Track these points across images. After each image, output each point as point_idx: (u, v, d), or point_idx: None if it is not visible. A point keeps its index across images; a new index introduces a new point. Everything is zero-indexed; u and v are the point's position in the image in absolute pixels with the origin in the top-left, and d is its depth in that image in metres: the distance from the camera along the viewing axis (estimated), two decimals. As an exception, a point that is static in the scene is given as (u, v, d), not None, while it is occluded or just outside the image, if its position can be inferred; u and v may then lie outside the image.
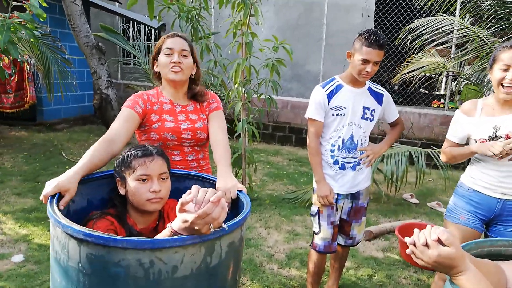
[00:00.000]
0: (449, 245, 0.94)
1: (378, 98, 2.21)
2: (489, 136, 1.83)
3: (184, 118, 1.71)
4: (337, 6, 7.20)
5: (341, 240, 2.35)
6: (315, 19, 7.37)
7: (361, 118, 2.15)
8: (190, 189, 1.01)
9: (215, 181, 1.43)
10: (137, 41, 7.19)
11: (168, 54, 1.66)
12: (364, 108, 2.15)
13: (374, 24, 7.27)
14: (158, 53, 1.70)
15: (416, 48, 4.82)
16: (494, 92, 1.85)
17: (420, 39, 4.70)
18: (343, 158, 2.16)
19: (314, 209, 2.24)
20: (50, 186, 1.19)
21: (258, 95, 3.92)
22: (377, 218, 3.82)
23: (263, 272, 2.72)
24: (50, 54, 5.40)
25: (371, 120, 2.19)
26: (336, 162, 2.17)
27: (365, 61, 1.99)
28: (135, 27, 8.56)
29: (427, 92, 9.02)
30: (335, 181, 2.18)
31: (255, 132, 3.77)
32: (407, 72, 5.01)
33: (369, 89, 2.19)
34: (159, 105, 1.70)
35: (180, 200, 0.98)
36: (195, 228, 0.97)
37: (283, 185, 4.74)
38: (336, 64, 7.13)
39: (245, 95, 3.81)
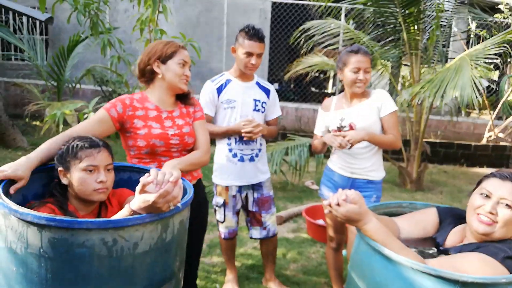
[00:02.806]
0: (355, 203, 1.21)
1: (267, 92, 2.35)
2: (337, 127, 2.15)
3: (171, 124, 1.72)
4: (235, 7, 7.50)
5: (256, 233, 2.41)
6: (215, 18, 7.57)
7: (253, 110, 2.27)
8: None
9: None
10: (20, 34, 6.53)
11: (182, 65, 1.70)
12: (255, 100, 2.28)
13: (271, 25, 7.76)
14: (167, 57, 1.69)
15: (308, 48, 5.31)
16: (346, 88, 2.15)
17: (311, 40, 5.20)
18: (241, 150, 2.27)
19: (219, 200, 2.35)
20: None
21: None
22: (285, 204, 4.18)
23: (186, 262, 2.83)
24: None
25: (262, 112, 2.31)
26: (234, 155, 2.27)
27: (249, 54, 2.15)
28: (17, 19, 7.75)
29: (317, 90, 9.91)
30: (236, 174, 2.28)
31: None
32: (298, 70, 5.49)
33: (257, 83, 2.35)
34: (144, 111, 1.69)
35: (141, 182, 1.07)
36: (156, 207, 1.07)
37: (194, 181, 4.84)
38: (237, 63, 7.43)
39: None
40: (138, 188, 1.09)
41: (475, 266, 1.14)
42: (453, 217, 1.43)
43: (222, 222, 2.38)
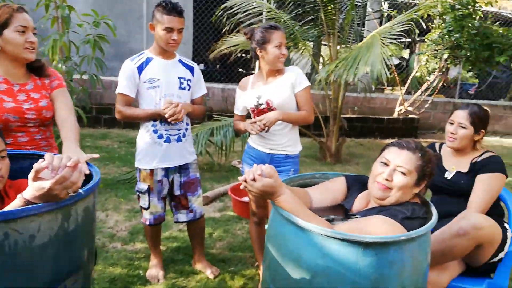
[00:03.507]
0: (270, 177, 1.23)
1: (191, 69, 2.27)
2: (254, 105, 2.19)
3: (25, 98, 1.60)
4: (154, -16, 7.13)
5: (183, 217, 2.37)
6: (133, -4, 7.16)
7: (179, 88, 2.18)
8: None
9: None
10: None
11: (22, 32, 1.53)
12: (180, 78, 2.19)
13: (194, 4, 7.54)
14: (1, 26, 1.51)
15: (230, 27, 5.22)
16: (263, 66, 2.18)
17: (234, 18, 5.12)
18: (167, 131, 2.18)
19: (143, 186, 2.25)
20: None
21: (80, 73, 3.70)
22: (212, 185, 4.17)
23: (107, 251, 2.70)
24: None
25: (188, 90, 2.24)
26: (160, 136, 2.18)
27: (169, 30, 2.04)
28: None
29: (244, 71, 9.90)
30: (162, 156, 2.20)
31: (81, 115, 3.56)
32: (222, 50, 5.40)
33: (180, 61, 2.26)
34: None
35: (35, 168, 0.98)
36: (53, 194, 0.98)
37: (116, 168, 4.63)
38: (159, 43, 7.13)
39: (65, 74, 3.54)
40: (31, 175, 0.99)
41: (378, 227, 1.23)
42: (359, 184, 1.53)
43: (147, 209, 2.29)
